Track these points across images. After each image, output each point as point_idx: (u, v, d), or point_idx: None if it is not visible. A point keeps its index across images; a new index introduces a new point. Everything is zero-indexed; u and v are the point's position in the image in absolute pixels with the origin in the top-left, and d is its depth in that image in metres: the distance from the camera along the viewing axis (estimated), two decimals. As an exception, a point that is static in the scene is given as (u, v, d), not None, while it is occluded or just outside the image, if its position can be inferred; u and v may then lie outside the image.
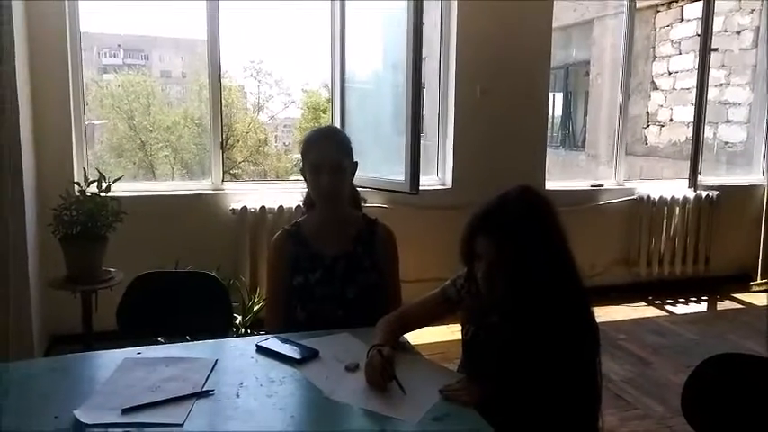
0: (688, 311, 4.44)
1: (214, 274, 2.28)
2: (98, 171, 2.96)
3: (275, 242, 2.01)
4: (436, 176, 4.29)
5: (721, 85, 6.25)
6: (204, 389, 1.41)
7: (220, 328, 2.10)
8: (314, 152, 1.94)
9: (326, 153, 1.92)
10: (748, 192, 4.93)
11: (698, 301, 4.61)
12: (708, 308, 4.55)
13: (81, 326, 2.86)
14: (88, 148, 3.76)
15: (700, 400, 1.49)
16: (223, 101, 4.07)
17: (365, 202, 2.17)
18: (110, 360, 1.56)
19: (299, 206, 2.15)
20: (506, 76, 4.13)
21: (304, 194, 2.09)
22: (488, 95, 4.10)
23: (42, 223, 3.01)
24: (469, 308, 1.65)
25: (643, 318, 4.23)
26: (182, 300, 2.09)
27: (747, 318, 4.24)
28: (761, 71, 5.18)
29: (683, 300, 4.59)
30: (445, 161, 4.25)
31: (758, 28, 5.74)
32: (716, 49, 4.77)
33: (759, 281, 4.80)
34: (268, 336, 1.73)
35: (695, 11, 6.42)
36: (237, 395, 1.40)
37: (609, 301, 4.27)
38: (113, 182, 2.92)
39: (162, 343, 2.30)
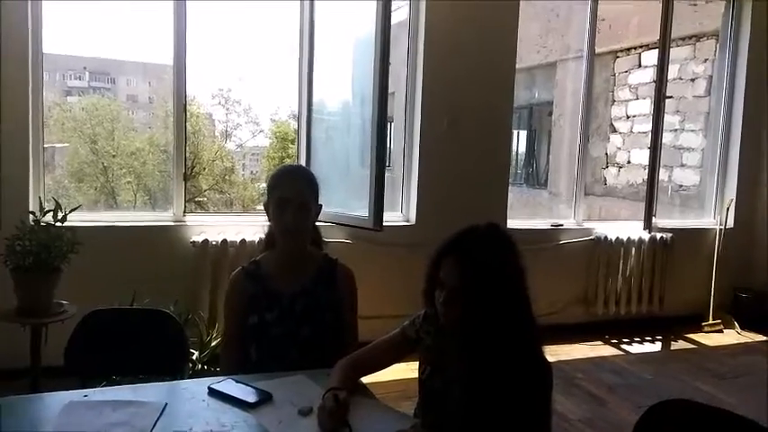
0: (643, 351, 4.53)
1: (171, 309, 2.25)
2: (54, 200, 2.90)
3: (231, 282, 2.00)
4: (400, 212, 4.32)
5: (676, 130, 6.49)
6: (152, 435, 1.37)
7: (174, 366, 2.05)
8: (282, 187, 1.94)
9: (294, 189, 1.93)
10: (701, 234, 5.10)
11: (652, 341, 4.71)
12: (662, 347, 4.65)
13: (29, 359, 2.77)
14: (48, 173, 3.68)
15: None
16: (190, 128, 4.04)
17: (325, 242, 2.17)
18: (55, 402, 1.51)
19: (261, 240, 2.14)
20: (471, 113, 4.21)
21: (266, 231, 2.09)
22: (453, 131, 4.17)
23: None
24: (428, 348, 1.66)
25: (599, 357, 4.29)
26: (134, 338, 2.03)
27: (699, 358, 4.35)
28: (714, 118, 5.40)
29: (638, 339, 4.68)
30: (410, 197, 4.29)
31: (711, 77, 6.00)
32: (671, 97, 4.96)
33: (711, 321, 4.93)
34: (222, 378, 1.70)
35: (652, 58, 6.68)
36: (186, 441, 1.38)
37: (566, 340, 4.32)
38: (70, 211, 2.85)
39: (116, 379, 2.24)
